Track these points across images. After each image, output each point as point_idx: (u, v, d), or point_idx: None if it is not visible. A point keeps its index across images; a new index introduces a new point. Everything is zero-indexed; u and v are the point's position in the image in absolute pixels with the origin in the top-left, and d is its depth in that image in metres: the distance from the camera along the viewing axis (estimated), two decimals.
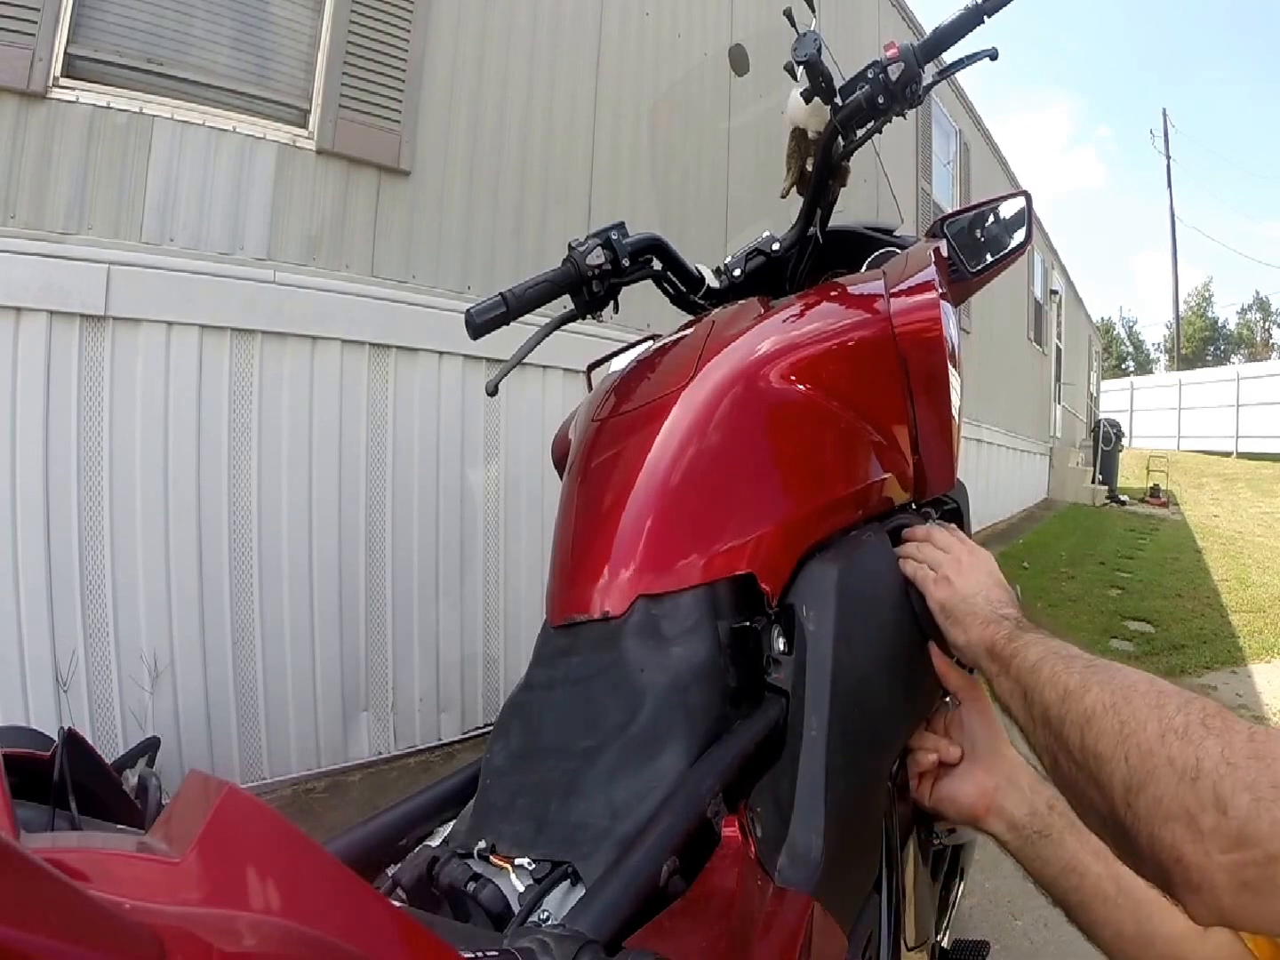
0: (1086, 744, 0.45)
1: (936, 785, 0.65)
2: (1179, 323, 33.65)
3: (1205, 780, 0.38)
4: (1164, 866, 0.39)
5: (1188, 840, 0.38)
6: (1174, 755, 0.40)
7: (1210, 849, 0.37)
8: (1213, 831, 0.37)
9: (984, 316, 6.44)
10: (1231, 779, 0.37)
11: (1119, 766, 0.42)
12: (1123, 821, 0.42)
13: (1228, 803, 0.37)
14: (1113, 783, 0.42)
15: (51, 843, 0.40)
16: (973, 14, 0.83)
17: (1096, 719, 0.45)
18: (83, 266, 1.84)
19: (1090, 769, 0.44)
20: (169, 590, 1.97)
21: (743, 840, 0.51)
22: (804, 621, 0.60)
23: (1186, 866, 0.38)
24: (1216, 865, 0.37)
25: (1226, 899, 0.37)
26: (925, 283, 0.75)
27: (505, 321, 0.86)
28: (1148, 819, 0.40)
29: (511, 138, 2.62)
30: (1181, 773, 0.39)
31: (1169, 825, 0.39)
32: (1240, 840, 0.36)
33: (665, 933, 0.43)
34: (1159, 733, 0.41)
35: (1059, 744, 0.47)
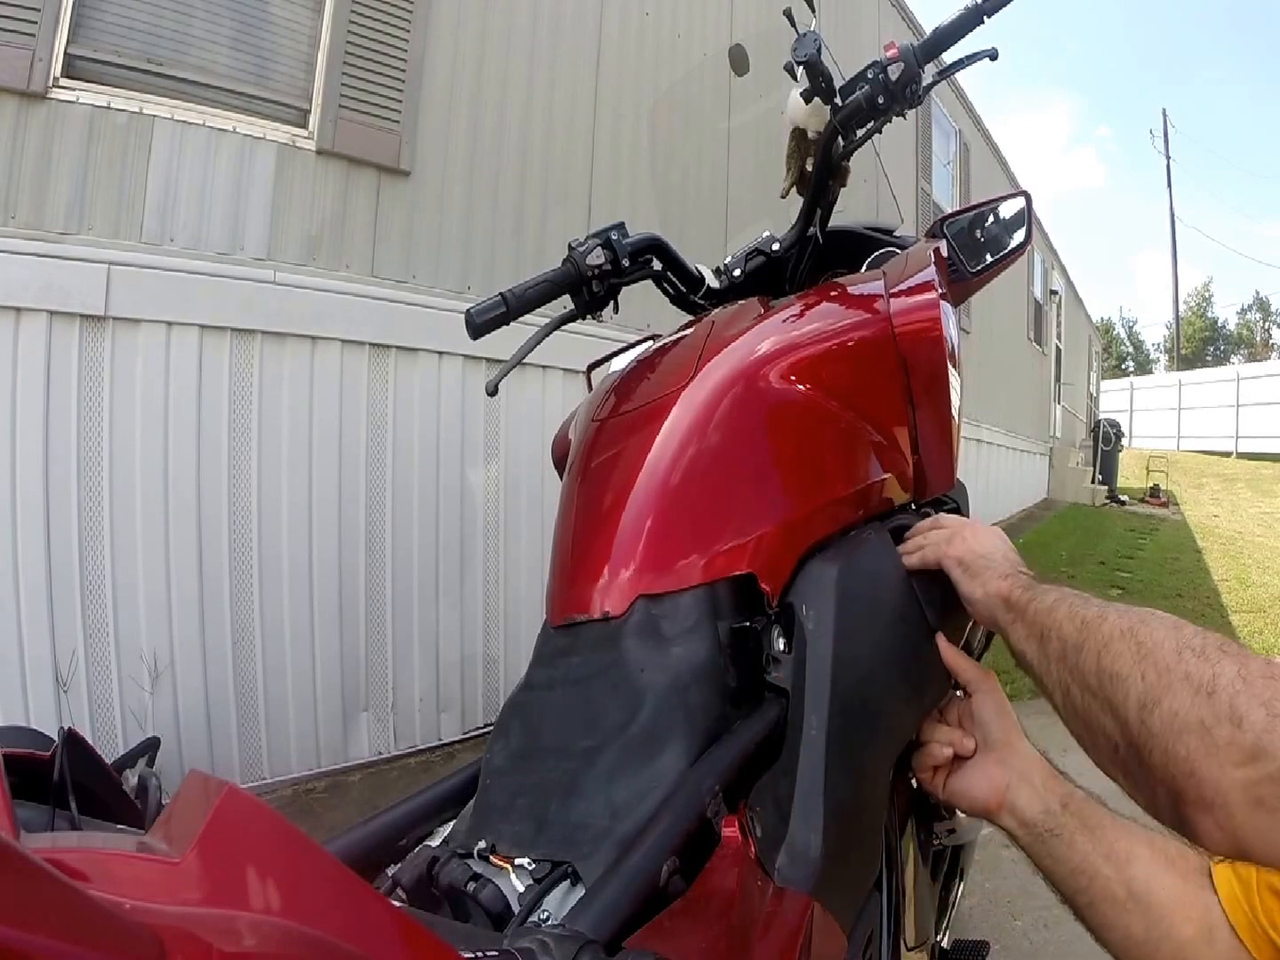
0: (1103, 665, 0.45)
1: (950, 778, 0.65)
2: (1179, 323, 33.65)
3: (1221, 695, 0.38)
4: (1177, 784, 0.39)
5: (1202, 754, 0.38)
6: (1191, 671, 0.40)
7: (1224, 762, 0.37)
8: (1228, 744, 0.37)
9: (984, 316, 6.44)
10: (1247, 694, 0.37)
11: (1135, 684, 0.42)
12: (1136, 740, 0.42)
13: (1243, 717, 0.37)
14: (1128, 701, 0.42)
15: (51, 843, 0.40)
16: (973, 14, 0.83)
17: (1114, 642, 0.45)
18: (82, 266, 1.84)
19: (1106, 691, 0.44)
20: (169, 590, 1.97)
21: (742, 840, 0.51)
22: (804, 620, 0.60)
23: (1200, 781, 0.38)
24: (1230, 780, 0.37)
25: (1239, 815, 0.37)
26: (925, 283, 0.75)
27: (505, 321, 0.86)
28: (1162, 734, 0.40)
29: (511, 138, 2.62)
30: (1198, 687, 0.39)
31: (1184, 738, 0.39)
32: (1255, 754, 0.36)
33: (665, 933, 0.43)
34: (1176, 650, 0.41)
35: (1074, 674, 0.48)
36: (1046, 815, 0.58)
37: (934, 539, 0.68)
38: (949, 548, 0.65)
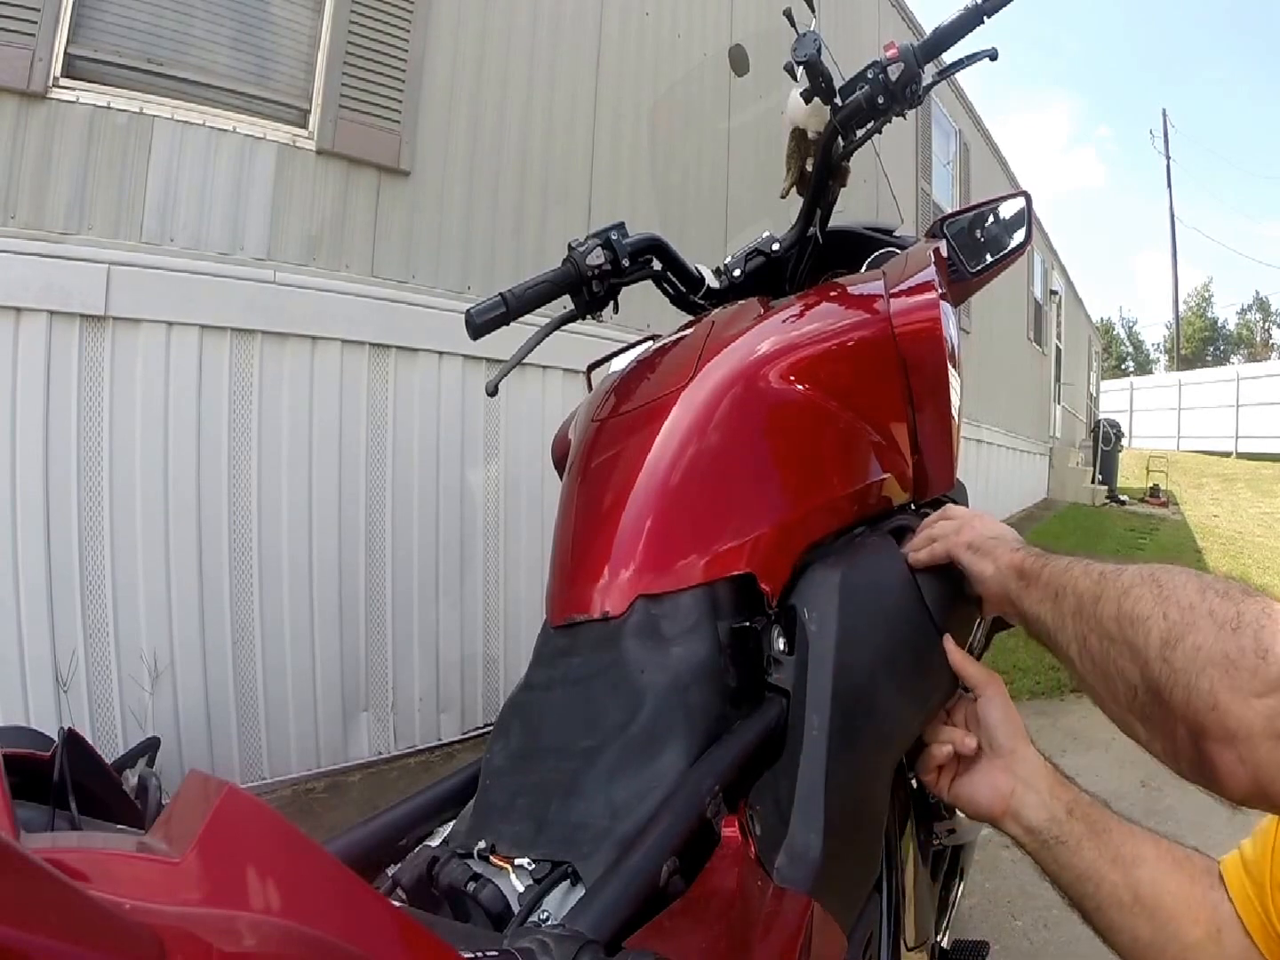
0: (1124, 610, 0.45)
1: (955, 782, 0.64)
2: (1179, 323, 33.64)
3: (1246, 629, 0.38)
4: (1199, 719, 0.39)
5: (1226, 686, 0.38)
6: (1215, 609, 0.40)
7: (1249, 695, 0.37)
8: (1252, 676, 0.37)
9: (984, 316, 6.44)
10: (1272, 629, 0.37)
11: (1157, 623, 0.43)
12: (1157, 680, 0.42)
13: (1268, 649, 0.37)
14: (1150, 640, 0.43)
15: (51, 843, 0.40)
16: (973, 14, 0.83)
17: (1135, 588, 0.46)
18: (83, 266, 1.84)
19: (1126, 634, 0.45)
20: (169, 590, 1.97)
21: (742, 840, 0.51)
22: (806, 623, 0.60)
23: (1224, 714, 0.38)
24: (1254, 711, 0.37)
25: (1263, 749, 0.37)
26: (925, 283, 0.75)
27: (505, 321, 0.86)
28: (1185, 669, 0.40)
29: (511, 138, 2.62)
30: (1222, 623, 0.39)
31: (1207, 672, 0.39)
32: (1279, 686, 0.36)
33: (665, 933, 0.43)
34: (1199, 589, 0.42)
35: (1091, 624, 0.48)
36: (1052, 822, 0.58)
37: (943, 530, 0.67)
38: (959, 536, 0.65)
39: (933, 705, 0.67)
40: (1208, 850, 0.56)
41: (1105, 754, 2.38)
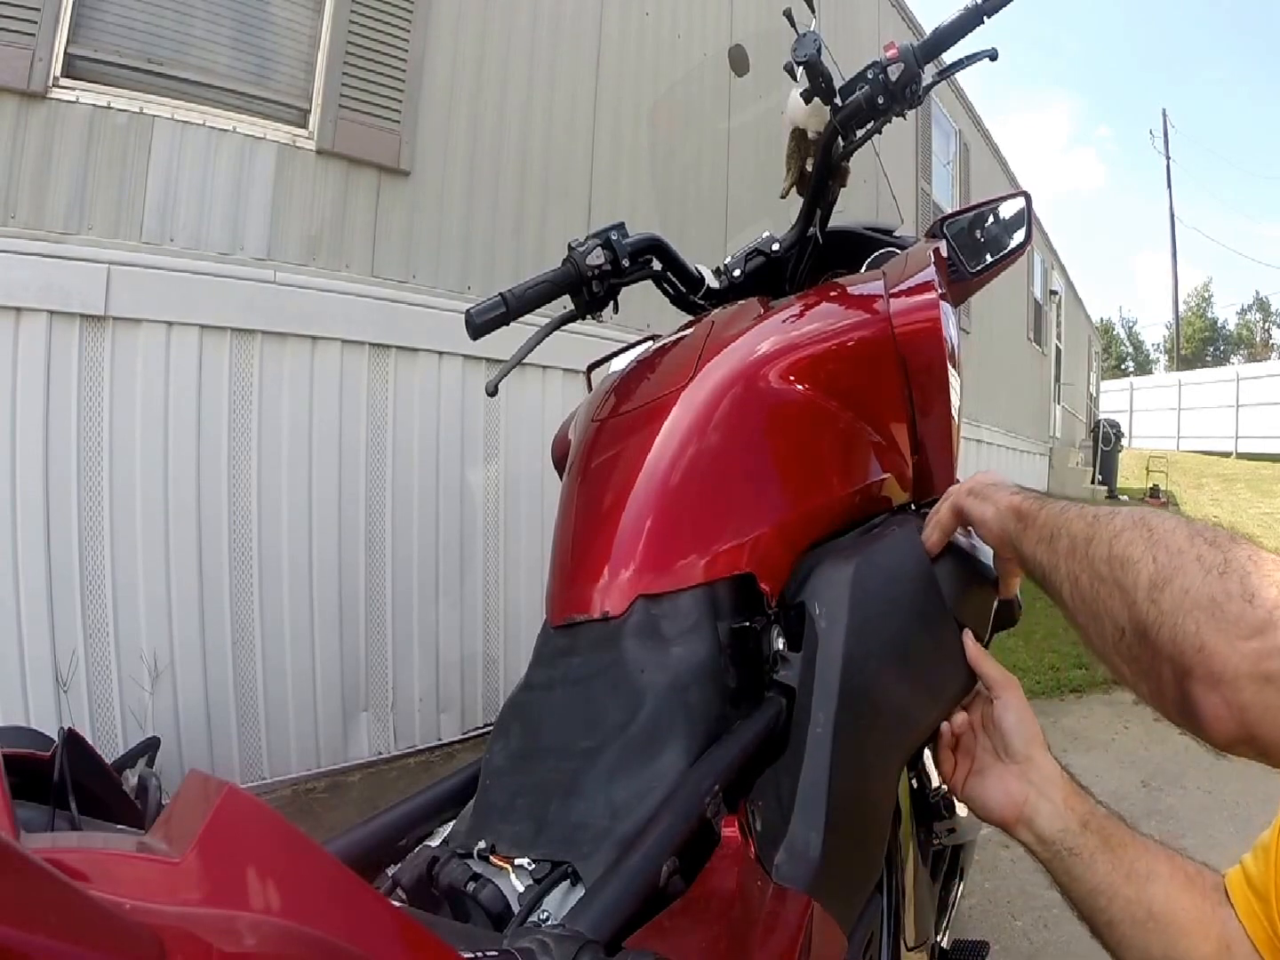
0: (1115, 552, 0.46)
1: (967, 782, 0.63)
2: (1179, 323, 33.64)
3: (1233, 574, 0.39)
4: (1185, 659, 0.40)
5: (1212, 628, 0.38)
6: (1203, 554, 0.41)
7: (1234, 637, 0.37)
8: (1238, 619, 0.37)
9: (984, 316, 6.44)
10: (1259, 574, 0.38)
11: (1146, 565, 0.43)
12: (1144, 620, 0.43)
13: (1255, 593, 0.37)
14: (1138, 581, 0.43)
15: (51, 843, 0.40)
16: (973, 14, 0.83)
17: (1126, 531, 0.46)
18: (83, 266, 1.84)
19: (1116, 574, 0.45)
20: (169, 590, 1.97)
21: (742, 840, 0.51)
22: (815, 619, 0.60)
23: (1209, 655, 0.38)
24: (1240, 654, 0.37)
25: (1248, 691, 0.37)
26: (925, 283, 0.75)
27: (505, 322, 0.86)
28: (1172, 611, 0.41)
29: (511, 138, 2.62)
30: (1210, 567, 0.40)
31: (1194, 614, 0.39)
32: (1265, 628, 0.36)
33: (665, 933, 0.43)
34: (1188, 536, 0.43)
35: (1083, 564, 0.49)
36: (1066, 834, 0.57)
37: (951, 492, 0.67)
38: (959, 490, 0.66)
39: (948, 700, 0.65)
40: (1209, 850, 0.56)
41: (1105, 754, 2.38)
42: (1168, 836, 1.78)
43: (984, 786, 0.62)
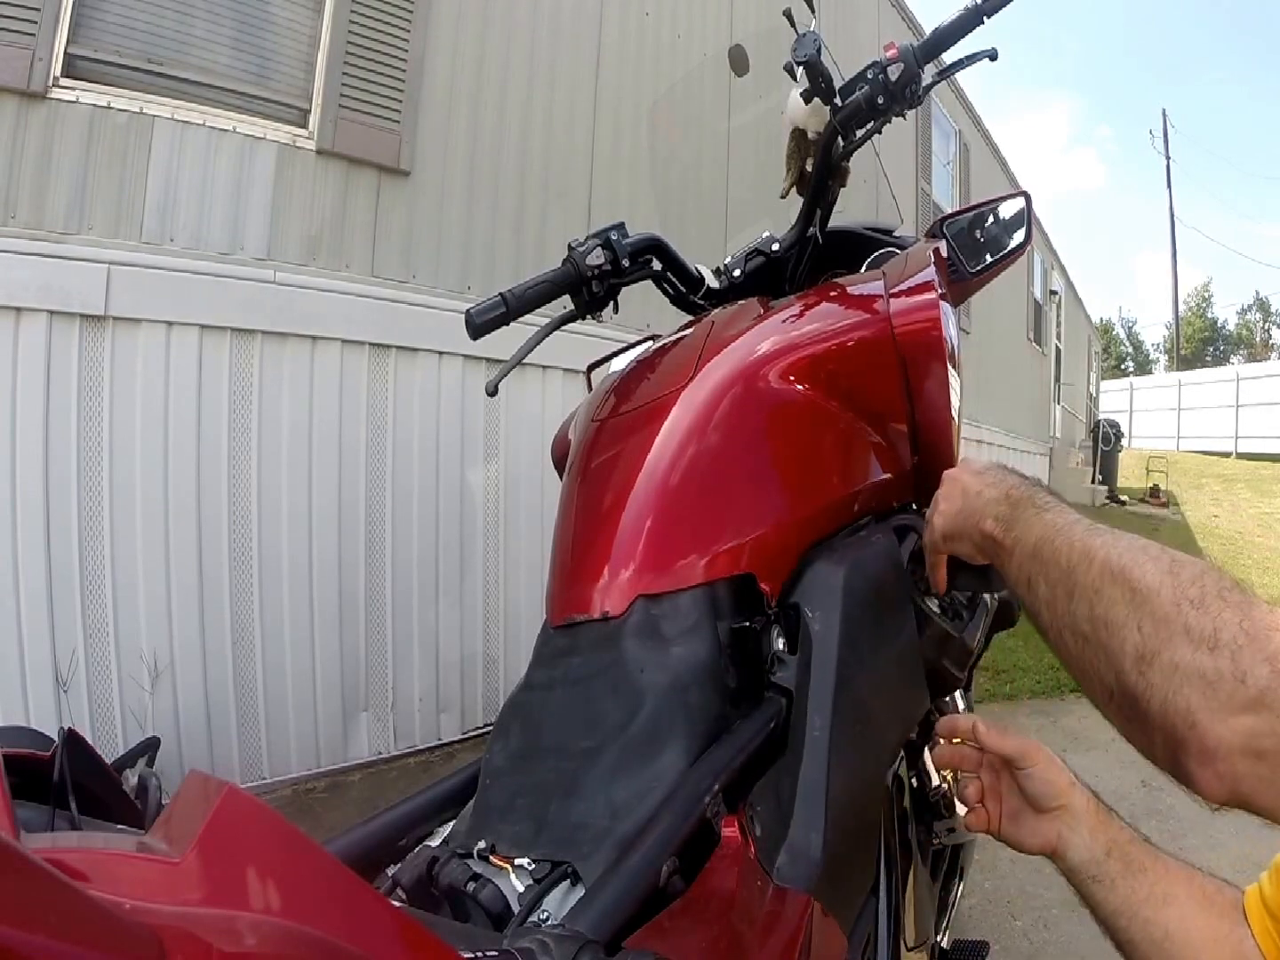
0: (1096, 614, 0.44)
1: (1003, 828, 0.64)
2: (1178, 323, 33.62)
3: (1224, 651, 0.37)
4: (1177, 734, 0.39)
5: (1203, 706, 0.37)
6: (1190, 624, 0.39)
7: (1226, 715, 0.37)
8: (1230, 697, 0.37)
9: (984, 316, 6.44)
10: (1251, 650, 0.37)
11: (1131, 634, 0.41)
12: (1133, 690, 0.41)
13: (1247, 672, 0.36)
14: (1124, 649, 0.42)
15: (51, 843, 0.40)
16: (972, 14, 0.83)
17: (1106, 588, 0.44)
18: (83, 266, 1.84)
19: (1101, 638, 0.43)
20: (169, 590, 1.97)
21: (742, 840, 0.51)
22: (809, 622, 0.60)
23: (1202, 733, 0.37)
24: (1232, 731, 0.36)
25: (1241, 766, 0.36)
26: (925, 283, 0.75)
27: (505, 322, 0.86)
28: (1162, 685, 0.39)
29: (511, 137, 2.62)
30: (1199, 641, 0.38)
31: (1184, 691, 0.38)
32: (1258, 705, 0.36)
33: (665, 933, 0.43)
34: (1174, 601, 0.40)
35: (1066, 620, 0.47)
36: (1091, 863, 0.59)
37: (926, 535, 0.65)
38: (929, 535, 0.63)
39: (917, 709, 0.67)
40: (1209, 850, 0.57)
41: (1105, 754, 2.38)
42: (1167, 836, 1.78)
43: (1018, 831, 0.63)
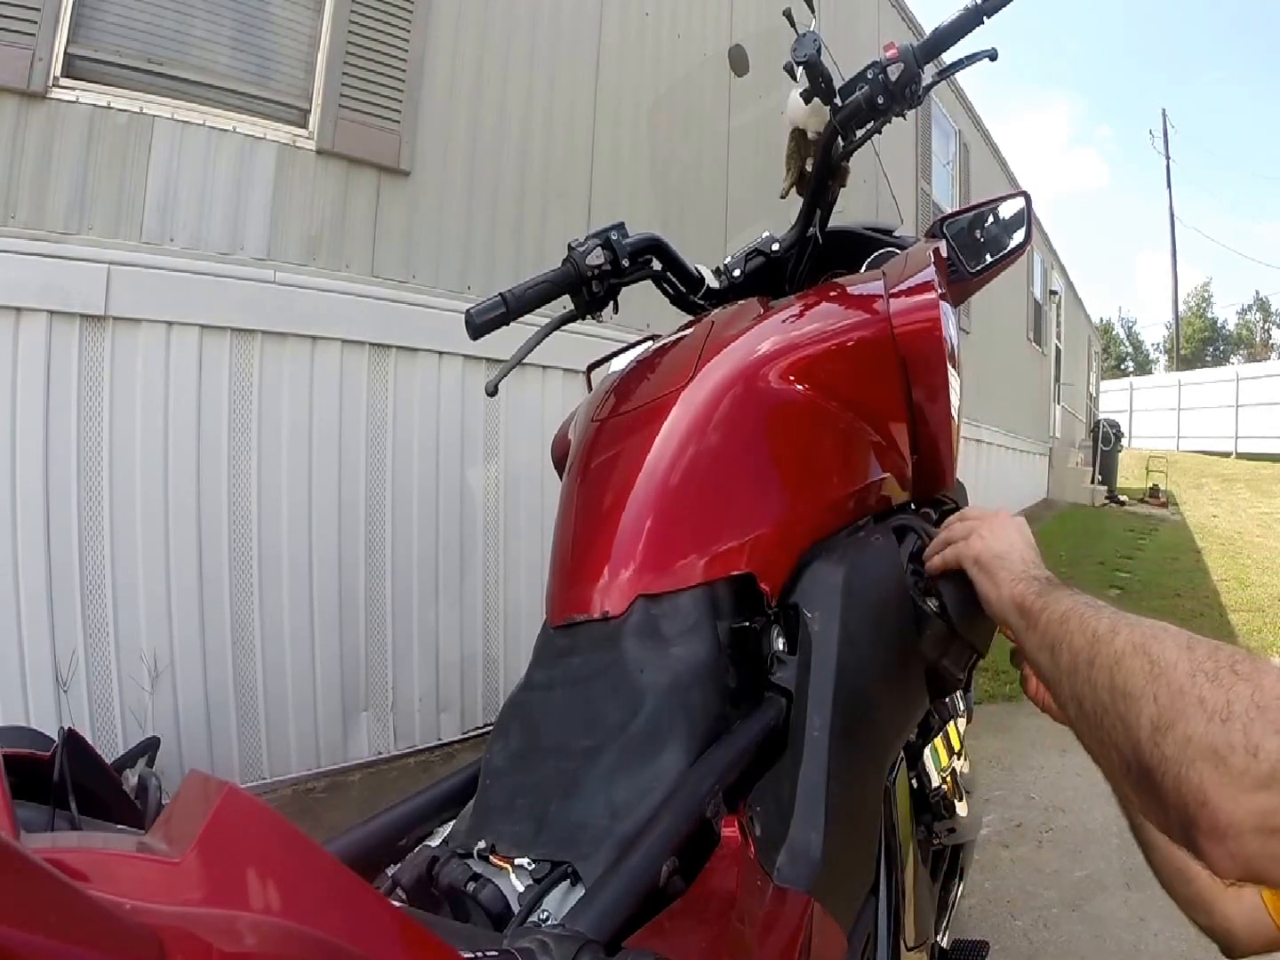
0: (1115, 683, 0.45)
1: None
2: (1178, 323, 33.62)
3: (1236, 723, 0.38)
4: (1189, 811, 0.39)
5: (1215, 782, 0.37)
6: (1205, 696, 0.39)
7: (1238, 792, 0.37)
8: (1242, 774, 0.37)
9: (984, 316, 6.44)
10: (1262, 722, 0.37)
11: (1148, 705, 0.42)
12: (1148, 763, 0.41)
13: (1259, 745, 0.36)
14: (1140, 721, 0.42)
15: (51, 843, 0.40)
16: (972, 14, 0.83)
17: (1126, 658, 0.45)
18: (83, 266, 1.84)
19: (1119, 708, 0.44)
20: (169, 590, 1.97)
21: (742, 840, 0.51)
22: (809, 622, 0.60)
23: (1213, 810, 0.37)
24: (1244, 809, 0.36)
25: (1253, 845, 0.36)
26: (925, 283, 0.75)
27: (505, 322, 0.86)
28: (1175, 759, 0.40)
29: (511, 138, 2.62)
30: (1212, 713, 0.39)
31: (1197, 765, 0.38)
32: (1269, 782, 0.36)
33: (665, 933, 0.43)
34: (1189, 673, 0.41)
35: (1087, 688, 0.47)
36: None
37: (957, 534, 0.67)
38: (968, 547, 0.64)
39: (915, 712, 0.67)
40: None
41: None
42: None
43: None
